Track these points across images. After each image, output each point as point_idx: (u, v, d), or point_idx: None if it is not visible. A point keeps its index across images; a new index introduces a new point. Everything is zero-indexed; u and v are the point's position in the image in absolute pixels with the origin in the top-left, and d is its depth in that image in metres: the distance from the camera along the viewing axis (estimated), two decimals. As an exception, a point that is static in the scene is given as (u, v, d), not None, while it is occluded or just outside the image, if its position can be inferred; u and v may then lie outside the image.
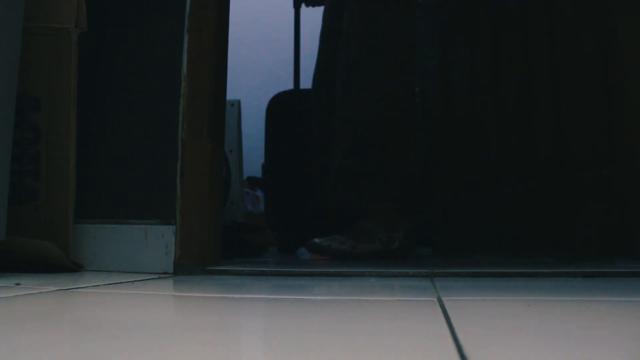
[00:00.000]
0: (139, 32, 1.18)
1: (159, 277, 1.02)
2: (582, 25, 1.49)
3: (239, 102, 1.89)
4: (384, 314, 0.63)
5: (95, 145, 1.16)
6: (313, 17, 2.07)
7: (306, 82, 2.22)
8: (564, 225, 1.53)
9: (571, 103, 1.52)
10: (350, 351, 0.43)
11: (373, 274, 1.05)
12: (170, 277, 1.04)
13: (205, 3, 1.15)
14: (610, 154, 1.38)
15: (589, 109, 1.46)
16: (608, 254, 1.37)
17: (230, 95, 1.40)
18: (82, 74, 1.11)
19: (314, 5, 2.02)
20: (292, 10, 2.17)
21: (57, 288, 0.81)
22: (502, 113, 1.82)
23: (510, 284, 0.91)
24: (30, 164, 1.07)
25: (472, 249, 1.70)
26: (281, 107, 2.13)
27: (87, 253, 1.11)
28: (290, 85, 2.20)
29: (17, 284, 0.83)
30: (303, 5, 2.16)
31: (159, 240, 1.09)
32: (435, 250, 1.89)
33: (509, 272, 1.04)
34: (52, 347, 0.44)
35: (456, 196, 1.82)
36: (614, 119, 1.38)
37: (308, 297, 0.75)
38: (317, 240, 1.49)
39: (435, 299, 0.71)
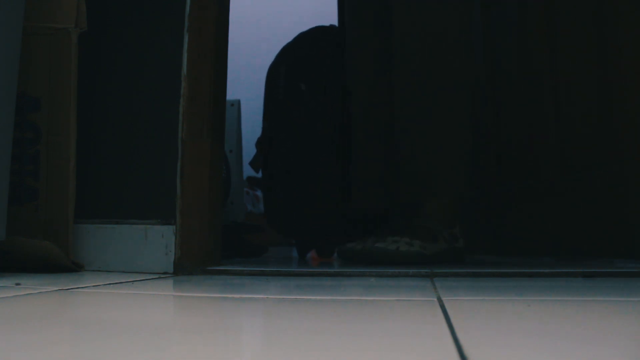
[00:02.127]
0: (139, 32, 1.18)
1: (159, 277, 1.02)
2: (582, 25, 1.49)
3: (239, 102, 1.89)
4: (383, 314, 0.63)
5: (95, 145, 1.16)
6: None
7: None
8: (563, 225, 1.53)
9: (571, 102, 1.52)
10: (350, 351, 0.43)
11: (373, 274, 1.05)
12: (170, 277, 1.04)
13: (205, 3, 1.15)
14: (611, 153, 1.38)
15: (589, 108, 1.46)
16: (608, 254, 1.37)
17: (230, 95, 1.40)
18: (82, 74, 1.11)
19: None
20: (291, 10, 2.17)
21: (57, 288, 0.81)
22: (501, 113, 1.82)
23: (510, 284, 0.91)
24: (30, 164, 1.07)
25: (472, 248, 1.70)
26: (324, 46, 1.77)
27: (87, 253, 1.11)
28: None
29: (17, 284, 0.83)
30: None
31: (159, 240, 1.09)
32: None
33: (509, 272, 1.05)
34: (52, 347, 0.44)
35: None
36: (614, 118, 1.38)
37: (308, 297, 0.75)
38: (378, 244, 1.29)
39: (435, 299, 0.71)
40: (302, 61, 1.85)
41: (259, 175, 1.94)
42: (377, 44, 1.51)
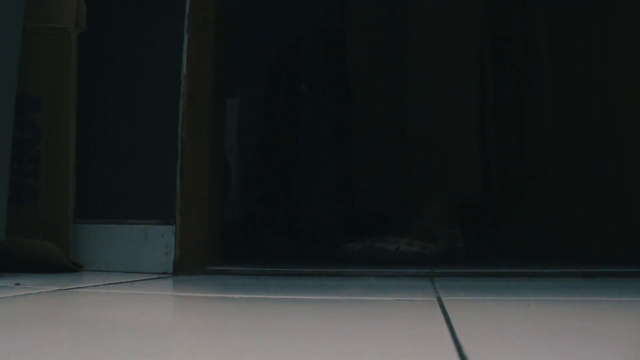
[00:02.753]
0: (139, 32, 1.18)
1: (159, 277, 1.02)
2: (583, 25, 1.49)
3: (238, 102, 1.89)
4: (383, 314, 0.63)
5: (95, 145, 1.16)
6: None
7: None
8: (564, 225, 1.53)
9: (572, 102, 1.52)
10: (350, 351, 0.43)
11: (373, 274, 1.05)
12: (170, 277, 1.04)
13: (205, 3, 1.15)
14: (611, 153, 1.38)
15: (590, 108, 1.46)
16: (608, 254, 1.37)
17: (230, 95, 1.39)
18: (82, 74, 1.11)
19: None
20: (291, 9, 2.17)
21: (57, 288, 0.82)
22: (501, 113, 1.82)
23: (510, 283, 0.91)
24: (30, 164, 1.07)
25: (473, 249, 1.69)
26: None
27: (87, 253, 1.11)
28: (290, 88, 2.18)
29: (17, 284, 0.83)
30: None
31: (159, 240, 1.09)
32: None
33: (508, 272, 1.04)
34: (51, 347, 0.44)
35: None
36: (615, 118, 1.38)
37: (307, 297, 0.75)
38: (378, 244, 1.28)
39: (434, 299, 0.71)
40: (302, 61, 1.85)
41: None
42: (381, 43, 1.51)
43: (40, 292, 0.77)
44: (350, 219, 1.76)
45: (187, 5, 1.14)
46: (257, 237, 1.88)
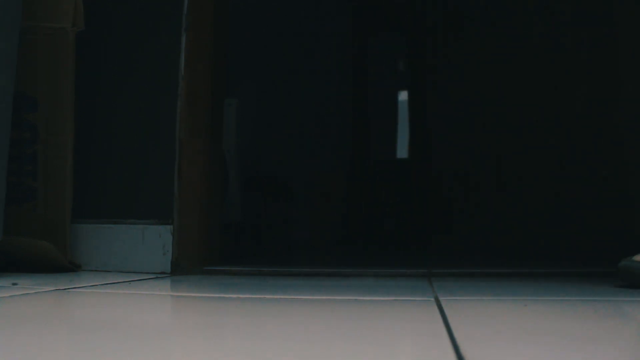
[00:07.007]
0: (137, 32, 1.17)
1: (156, 277, 1.02)
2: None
3: (237, 102, 1.89)
4: (381, 314, 0.63)
5: (93, 145, 1.16)
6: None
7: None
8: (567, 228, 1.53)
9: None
10: (348, 351, 0.43)
11: (371, 274, 1.05)
12: (168, 277, 1.04)
13: (203, 3, 1.15)
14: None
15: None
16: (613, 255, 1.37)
17: (230, 95, 1.39)
18: (80, 74, 1.11)
19: None
20: (289, 9, 2.16)
21: (55, 288, 0.81)
22: (503, 115, 1.82)
23: (507, 283, 0.91)
24: (28, 164, 1.07)
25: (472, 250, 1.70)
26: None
27: (85, 253, 1.11)
28: (289, 88, 2.18)
29: (14, 284, 0.83)
30: None
31: (157, 240, 1.09)
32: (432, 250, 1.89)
33: (506, 272, 1.04)
34: (49, 347, 0.44)
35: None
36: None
37: (306, 297, 0.75)
38: None
39: (432, 299, 0.71)
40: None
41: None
42: None
43: (37, 292, 0.77)
44: None
45: (185, 5, 1.14)
46: (255, 237, 1.88)
